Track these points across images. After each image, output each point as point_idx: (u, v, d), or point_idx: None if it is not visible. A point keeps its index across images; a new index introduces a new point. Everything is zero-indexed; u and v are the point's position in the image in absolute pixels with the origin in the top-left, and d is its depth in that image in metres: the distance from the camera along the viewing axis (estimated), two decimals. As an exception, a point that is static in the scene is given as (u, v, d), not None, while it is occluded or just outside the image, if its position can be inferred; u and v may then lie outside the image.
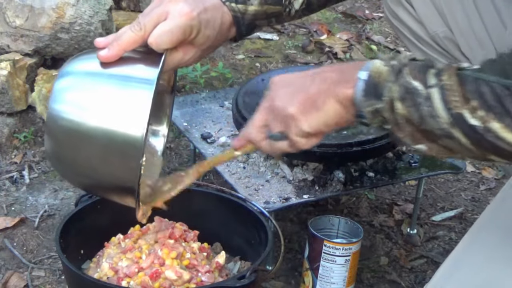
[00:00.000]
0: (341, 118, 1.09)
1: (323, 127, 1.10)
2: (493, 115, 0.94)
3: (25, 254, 1.75)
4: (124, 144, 1.11)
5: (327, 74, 1.10)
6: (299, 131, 1.11)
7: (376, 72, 1.03)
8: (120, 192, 1.21)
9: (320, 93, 1.08)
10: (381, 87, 1.02)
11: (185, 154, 2.13)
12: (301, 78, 1.13)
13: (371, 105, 1.03)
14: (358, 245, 1.53)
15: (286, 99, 1.11)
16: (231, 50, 2.63)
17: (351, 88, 1.05)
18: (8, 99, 2.04)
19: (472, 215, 1.99)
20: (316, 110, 1.09)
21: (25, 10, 2.09)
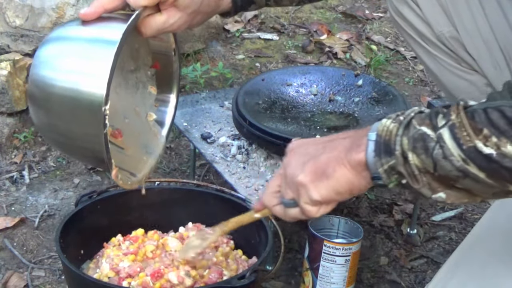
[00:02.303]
0: (353, 185, 1.07)
1: (334, 195, 1.09)
2: (506, 139, 0.92)
3: (25, 254, 1.75)
4: (88, 102, 1.15)
5: (337, 142, 1.10)
6: (309, 199, 1.10)
7: (385, 130, 1.02)
8: (92, 153, 1.22)
9: (330, 161, 1.08)
10: (392, 143, 1.01)
11: (185, 154, 2.13)
12: (314, 145, 1.13)
13: (384, 163, 1.02)
14: (358, 245, 1.53)
15: (298, 167, 1.11)
16: (231, 50, 2.64)
17: (362, 151, 1.04)
18: (8, 99, 2.04)
19: (472, 215, 1.99)
20: (326, 179, 1.08)
21: (25, 10, 2.09)
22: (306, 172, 1.09)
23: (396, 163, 1.00)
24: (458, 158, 0.95)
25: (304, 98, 1.88)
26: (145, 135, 1.43)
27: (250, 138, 1.72)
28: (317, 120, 1.80)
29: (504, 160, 0.93)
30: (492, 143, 0.93)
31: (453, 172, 0.96)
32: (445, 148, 0.96)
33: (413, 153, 0.99)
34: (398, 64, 2.74)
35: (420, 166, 0.99)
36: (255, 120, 1.69)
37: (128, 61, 1.39)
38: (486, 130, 0.94)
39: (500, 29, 1.48)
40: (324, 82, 1.92)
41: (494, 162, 0.93)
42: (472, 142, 0.94)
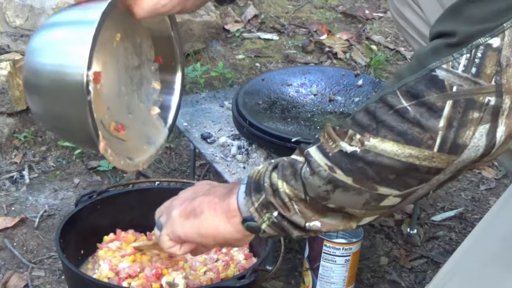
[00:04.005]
0: (217, 231, 1.10)
1: (197, 236, 1.13)
2: (369, 133, 0.92)
3: (25, 254, 1.75)
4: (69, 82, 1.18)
5: (218, 189, 1.14)
6: (170, 231, 1.15)
7: (255, 172, 1.06)
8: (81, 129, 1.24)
9: (202, 203, 1.12)
10: (261, 179, 1.03)
11: (185, 154, 2.13)
12: (201, 188, 1.18)
13: (255, 201, 1.03)
14: (358, 245, 1.53)
15: (179, 201, 1.16)
16: (231, 50, 2.64)
17: (233, 195, 1.07)
18: (8, 99, 2.04)
19: (472, 215, 1.99)
20: (193, 218, 1.12)
21: (25, 10, 2.09)
22: (180, 209, 1.14)
23: (266, 195, 1.02)
24: (325, 167, 0.96)
25: (304, 98, 1.88)
26: (148, 128, 1.45)
27: (250, 138, 1.72)
28: (317, 120, 1.80)
29: (368, 154, 0.92)
30: (355, 141, 0.93)
31: (322, 187, 0.97)
32: (311, 162, 0.97)
33: (282, 181, 1.00)
34: (398, 64, 2.74)
35: (291, 194, 1.00)
36: (255, 120, 1.69)
37: (133, 58, 1.41)
38: (350, 130, 0.94)
39: None
40: (324, 82, 1.92)
41: (358, 159, 0.93)
42: (337, 146, 0.95)
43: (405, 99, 0.90)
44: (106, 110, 1.36)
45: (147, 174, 2.04)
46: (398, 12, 1.63)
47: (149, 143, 1.43)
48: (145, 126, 1.44)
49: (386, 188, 0.95)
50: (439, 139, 0.90)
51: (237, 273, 1.36)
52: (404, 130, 0.90)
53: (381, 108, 0.92)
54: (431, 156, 0.91)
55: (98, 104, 1.35)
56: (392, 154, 0.91)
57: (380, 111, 0.92)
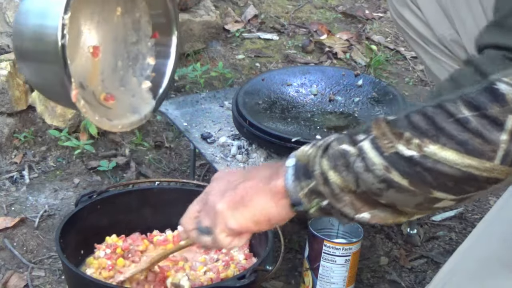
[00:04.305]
0: (271, 214, 1.07)
1: (252, 224, 1.09)
2: (428, 139, 0.91)
3: (25, 254, 1.75)
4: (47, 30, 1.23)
5: (258, 172, 1.10)
6: (225, 227, 1.10)
7: (303, 155, 1.02)
8: (56, 80, 1.27)
9: (248, 190, 1.08)
10: (310, 165, 1.01)
11: (185, 154, 2.13)
12: (235, 175, 1.14)
13: (304, 186, 1.01)
14: (358, 245, 1.53)
15: (218, 195, 1.11)
16: (231, 50, 2.63)
17: (281, 178, 1.04)
18: (8, 99, 2.04)
19: (472, 215, 1.99)
20: (243, 207, 1.08)
21: (25, 10, 2.09)
22: (224, 200, 1.09)
23: (316, 183, 1.00)
24: (380, 166, 0.94)
25: (304, 98, 1.88)
26: (137, 99, 1.47)
27: (250, 138, 1.72)
28: (317, 120, 1.80)
29: (426, 161, 0.91)
30: (414, 145, 0.91)
31: (375, 184, 0.95)
32: (366, 159, 0.95)
33: (334, 171, 0.98)
34: (398, 64, 2.74)
35: (342, 185, 0.98)
36: (255, 120, 1.69)
37: (131, 33, 1.45)
38: (407, 133, 0.92)
39: None
40: (324, 82, 1.92)
41: (416, 164, 0.92)
42: (393, 147, 0.93)
43: (466, 109, 0.89)
44: (100, 82, 1.39)
45: (147, 174, 2.04)
46: (397, 13, 1.63)
47: (134, 112, 1.45)
48: (134, 98, 1.47)
49: (442, 193, 0.94)
50: (501, 152, 0.89)
51: (237, 273, 1.36)
52: (465, 140, 0.89)
53: (439, 115, 0.91)
54: (491, 168, 0.90)
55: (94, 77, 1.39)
56: (451, 162, 0.90)
57: (439, 117, 0.91)
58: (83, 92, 1.38)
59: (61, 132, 2.07)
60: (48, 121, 2.10)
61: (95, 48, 1.39)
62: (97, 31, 1.41)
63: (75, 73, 1.35)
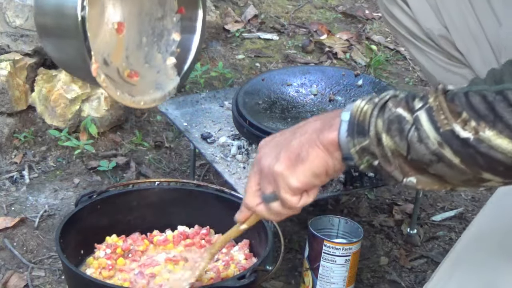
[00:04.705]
0: (328, 166, 1.06)
1: (312, 178, 1.07)
2: (485, 124, 0.91)
3: (25, 254, 1.75)
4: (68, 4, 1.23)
5: (308, 125, 1.08)
6: (288, 188, 1.08)
7: (359, 111, 1.01)
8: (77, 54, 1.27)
9: (302, 145, 1.06)
10: (366, 124, 1.00)
11: (185, 154, 2.13)
12: (284, 135, 1.12)
13: (357, 144, 1.01)
14: (358, 245, 1.53)
15: (271, 157, 1.09)
16: (231, 50, 2.64)
17: (334, 131, 1.03)
18: (8, 99, 2.04)
19: (472, 215, 1.99)
20: (301, 163, 1.06)
21: (25, 10, 2.09)
22: (280, 161, 1.07)
23: (369, 144, 1.00)
24: (433, 141, 0.94)
25: (304, 98, 1.88)
26: (161, 76, 1.46)
27: (250, 138, 1.72)
28: (317, 120, 1.80)
29: (481, 145, 0.92)
30: (470, 127, 0.92)
31: (427, 156, 0.95)
32: (421, 131, 0.95)
33: (387, 135, 0.98)
34: (398, 64, 2.74)
35: (393, 148, 0.98)
36: (255, 120, 1.69)
37: (156, 9, 1.44)
38: (465, 113, 0.92)
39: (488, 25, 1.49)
40: (324, 82, 1.92)
41: (470, 146, 0.92)
42: (449, 125, 0.93)
43: None
44: (124, 59, 1.38)
45: (147, 174, 2.04)
46: (387, 11, 1.64)
47: (157, 88, 1.44)
48: (159, 74, 1.46)
49: (492, 175, 0.95)
50: None
51: (237, 273, 1.36)
52: None
53: (500, 102, 0.91)
54: None
55: (118, 53, 1.37)
56: (505, 150, 0.91)
57: (500, 105, 0.91)
58: (107, 68, 1.37)
59: (61, 132, 2.07)
60: (48, 121, 2.10)
61: (119, 24, 1.37)
62: (122, 7, 1.39)
63: (98, 49, 1.34)
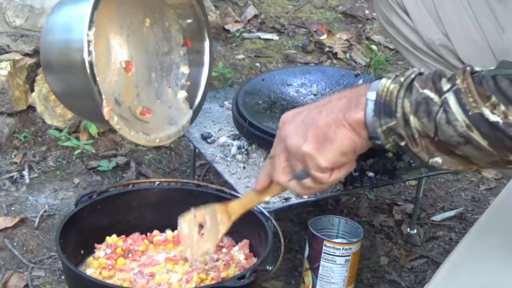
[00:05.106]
0: (356, 144, 1.06)
1: (341, 157, 1.07)
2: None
3: (25, 254, 1.75)
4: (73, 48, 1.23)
5: (333, 104, 1.08)
6: (317, 167, 1.08)
7: (385, 91, 1.01)
8: (87, 99, 1.27)
9: (329, 125, 1.06)
10: (393, 104, 1.00)
11: (185, 154, 2.13)
12: (308, 112, 1.11)
13: (383, 124, 1.01)
14: (358, 245, 1.53)
15: (298, 137, 1.09)
16: (231, 50, 2.64)
17: (361, 111, 1.03)
18: (8, 99, 2.04)
19: (472, 215, 1.99)
20: (329, 143, 1.06)
21: (25, 10, 2.09)
22: (308, 141, 1.07)
23: (396, 125, 1.00)
24: (462, 123, 0.95)
25: (304, 98, 1.88)
26: (173, 111, 1.48)
27: (250, 138, 1.72)
28: (317, 120, 1.80)
29: (509, 129, 0.92)
30: (499, 111, 0.92)
31: (455, 138, 0.96)
32: (449, 113, 0.95)
33: (415, 116, 0.98)
34: (398, 64, 2.74)
35: (421, 130, 0.98)
36: (255, 120, 1.69)
37: (162, 43, 1.46)
38: (494, 97, 0.93)
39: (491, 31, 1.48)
40: (324, 82, 1.92)
41: (499, 130, 0.93)
42: (478, 108, 0.94)
43: None
44: (135, 97, 1.38)
45: (147, 174, 2.04)
46: (386, 20, 1.63)
47: (171, 123, 1.44)
48: (171, 109, 1.46)
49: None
50: None
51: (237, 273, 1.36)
52: None
53: None
54: None
55: (128, 92, 1.38)
56: None
57: None
58: (119, 108, 1.38)
59: (61, 132, 2.07)
60: (48, 121, 2.10)
61: (127, 63, 1.38)
62: (128, 45, 1.40)
63: (109, 90, 1.35)
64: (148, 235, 1.54)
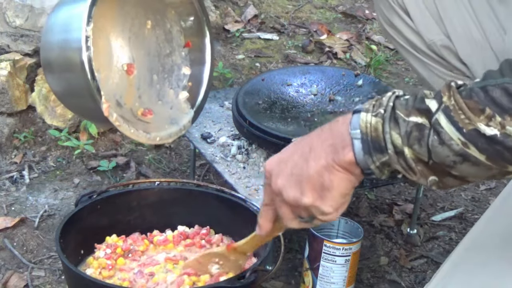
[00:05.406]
0: (352, 183, 1.05)
1: (342, 199, 1.06)
2: (510, 117, 0.90)
3: (25, 254, 1.75)
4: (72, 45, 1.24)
5: (318, 150, 1.06)
6: (323, 213, 1.07)
7: (368, 127, 1.00)
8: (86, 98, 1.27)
9: (321, 173, 1.04)
10: (381, 140, 0.99)
11: (185, 154, 2.13)
12: (294, 162, 1.08)
13: (376, 160, 1.00)
14: (358, 245, 1.53)
15: (294, 191, 1.07)
16: (231, 50, 2.63)
17: (350, 152, 1.02)
18: (8, 99, 2.04)
19: (472, 215, 1.99)
20: (328, 191, 1.05)
21: (25, 10, 2.09)
22: (307, 194, 1.06)
23: (390, 160, 0.99)
24: (457, 142, 0.93)
25: (304, 98, 1.88)
26: (175, 111, 1.48)
27: (250, 138, 1.72)
28: (317, 120, 1.80)
29: (508, 139, 0.91)
30: (495, 123, 0.91)
31: (451, 157, 0.94)
32: (442, 133, 0.93)
33: (408, 147, 0.96)
34: (398, 64, 2.74)
35: (414, 158, 0.97)
36: (255, 120, 1.69)
37: (164, 45, 1.46)
38: (488, 109, 0.91)
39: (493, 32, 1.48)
40: (324, 82, 1.92)
41: (497, 143, 0.91)
42: (472, 124, 0.92)
43: None
44: (137, 99, 1.38)
45: (147, 174, 2.04)
46: (387, 21, 1.63)
47: (172, 123, 1.44)
48: (172, 110, 1.46)
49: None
50: None
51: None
52: None
53: None
54: None
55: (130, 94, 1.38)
56: None
57: None
58: (120, 110, 1.38)
59: (61, 132, 2.07)
60: (48, 121, 2.10)
61: (129, 66, 1.38)
62: (130, 48, 1.40)
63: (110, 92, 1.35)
64: (148, 235, 1.54)
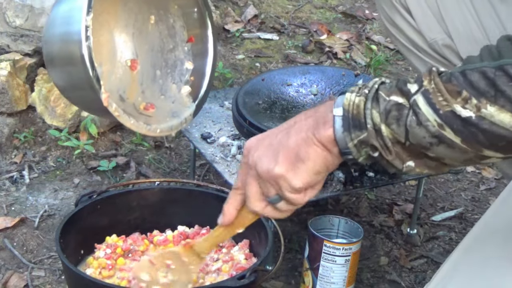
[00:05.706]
0: (328, 162, 1.05)
1: (315, 176, 1.06)
2: (487, 100, 0.91)
3: (25, 254, 1.75)
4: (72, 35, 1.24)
5: (301, 124, 1.06)
6: (291, 188, 1.06)
7: (351, 105, 1.01)
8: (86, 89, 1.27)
9: (299, 144, 1.04)
10: (361, 116, 1.00)
11: (185, 154, 2.13)
12: (275, 135, 1.09)
13: (354, 138, 1.00)
14: (358, 245, 1.53)
15: (269, 160, 1.06)
16: (231, 50, 2.64)
17: (330, 127, 1.02)
18: (8, 99, 2.04)
19: (472, 215, 1.99)
20: (302, 163, 1.04)
21: (25, 10, 2.09)
22: (280, 163, 1.05)
23: (368, 136, 0.99)
24: (434, 123, 0.94)
25: (304, 98, 1.88)
26: (177, 105, 1.48)
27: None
28: (317, 120, 1.80)
29: (482, 122, 0.92)
30: (471, 105, 0.92)
31: (427, 139, 0.96)
32: (419, 114, 0.95)
33: (385, 125, 0.98)
34: (398, 64, 2.74)
35: (392, 137, 0.98)
36: (255, 120, 1.69)
37: (167, 41, 1.47)
38: (465, 92, 0.93)
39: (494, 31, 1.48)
40: (324, 82, 1.92)
41: (472, 125, 0.93)
42: (449, 106, 0.93)
43: None
44: (140, 94, 1.39)
45: (147, 174, 2.04)
46: (389, 20, 1.63)
47: (173, 116, 1.45)
48: (174, 104, 1.47)
49: (493, 152, 0.95)
50: None
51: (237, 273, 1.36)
52: None
53: (501, 77, 0.91)
54: None
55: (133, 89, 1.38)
56: (508, 125, 0.92)
57: (500, 80, 0.91)
58: (123, 104, 1.38)
59: (61, 132, 2.08)
60: (48, 121, 2.10)
61: (133, 62, 1.39)
62: (133, 43, 1.40)
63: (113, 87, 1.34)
64: (148, 235, 1.54)
